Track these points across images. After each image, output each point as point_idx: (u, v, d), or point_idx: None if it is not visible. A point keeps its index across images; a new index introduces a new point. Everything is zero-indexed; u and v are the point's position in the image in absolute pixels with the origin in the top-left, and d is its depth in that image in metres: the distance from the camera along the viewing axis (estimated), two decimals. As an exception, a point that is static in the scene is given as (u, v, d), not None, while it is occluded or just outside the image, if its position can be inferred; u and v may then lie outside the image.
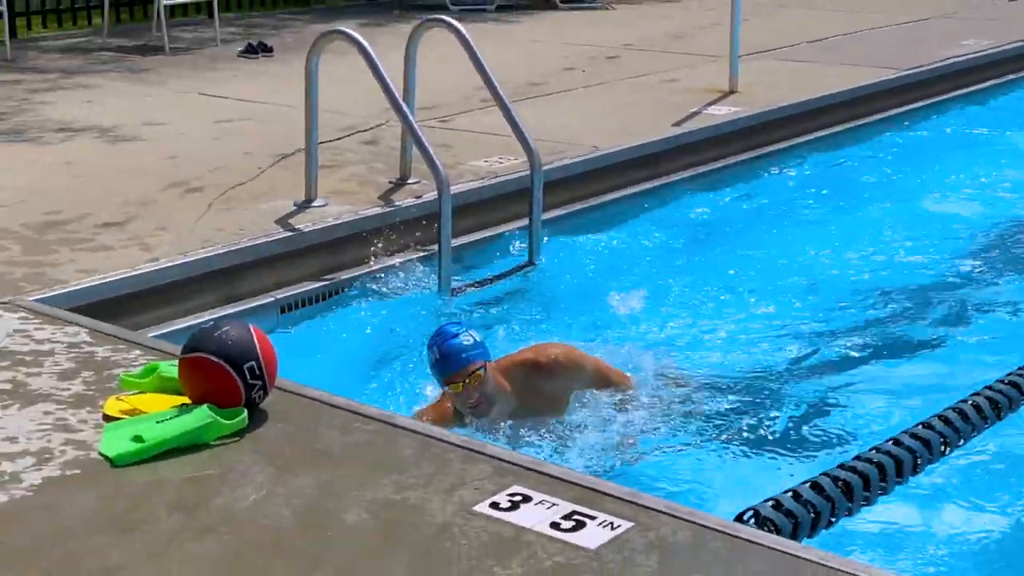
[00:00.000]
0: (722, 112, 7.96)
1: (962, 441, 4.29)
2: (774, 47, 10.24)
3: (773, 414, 4.80)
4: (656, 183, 7.17)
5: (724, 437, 4.59)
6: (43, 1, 11.64)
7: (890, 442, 4.14)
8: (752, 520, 3.54)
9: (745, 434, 4.60)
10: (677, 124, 7.65)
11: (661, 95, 8.53)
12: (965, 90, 9.76)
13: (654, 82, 8.99)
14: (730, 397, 4.90)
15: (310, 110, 6.02)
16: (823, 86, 8.79)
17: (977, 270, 6.37)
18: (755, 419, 4.73)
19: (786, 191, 7.50)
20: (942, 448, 4.19)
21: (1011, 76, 10.33)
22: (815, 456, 4.42)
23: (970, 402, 4.45)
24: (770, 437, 4.59)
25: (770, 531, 3.48)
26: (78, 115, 7.91)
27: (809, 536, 3.59)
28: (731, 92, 8.44)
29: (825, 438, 4.57)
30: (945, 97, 9.51)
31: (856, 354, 5.37)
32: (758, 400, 4.90)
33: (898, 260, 6.41)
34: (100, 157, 6.93)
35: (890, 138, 8.57)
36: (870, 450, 4.15)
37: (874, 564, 3.23)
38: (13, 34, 10.34)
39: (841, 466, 4.02)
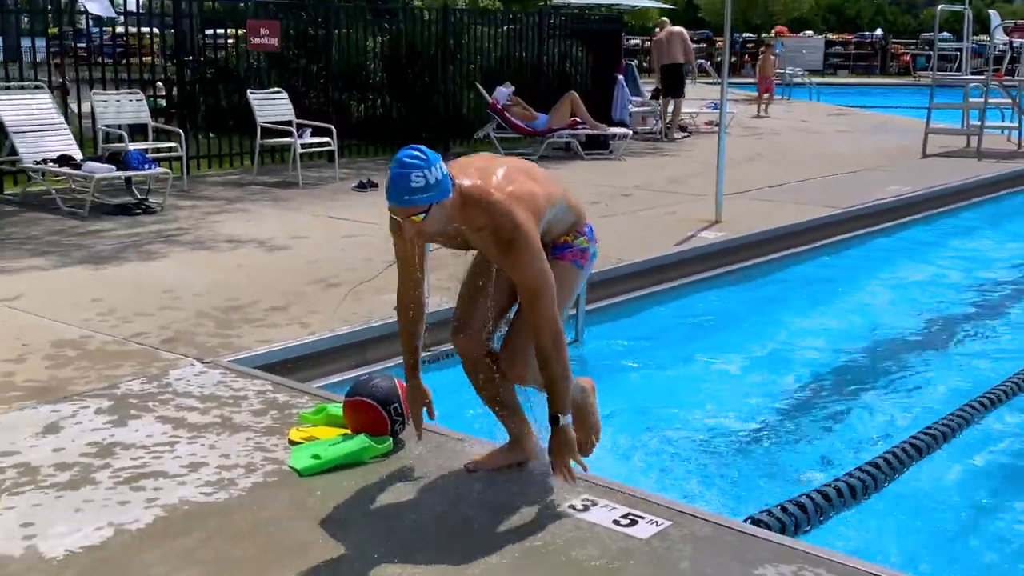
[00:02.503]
0: (711, 236, 7.97)
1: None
2: (747, 189, 10.21)
3: (762, 445, 4.78)
4: (664, 286, 7.15)
5: (733, 465, 4.55)
6: (208, 148, 11.79)
7: (844, 475, 4.22)
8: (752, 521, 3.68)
9: (747, 464, 4.58)
10: (678, 244, 7.67)
11: (664, 223, 8.52)
12: (890, 223, 9.77)
13: (659, 213, 8.99)
14: (727, 435, 4.85)
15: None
16: (784, 219, 8.80)
17: (899, 346, 6.42)
18: (749, 448, 4.71)
19: (759, 293, 7.52)
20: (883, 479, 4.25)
21: (926, 213, 10.36)
22: (799, 478, 4.39)
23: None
24: (762, 467, 4.56)
25: (769, 529, 3.57)
26: (241, 231, 7.92)
27: (794, 534, 3.67)
28: (717, 222, 8.42)
29: (801, 468, 4.52)
30: (875, 228, 9.51)
31: (817, 402, 5.36)
32: (747, 438, 4.84)
33: (839, 339, 6.42)
34: (261, 260, 6.96)
35: (834, 259, 8.58)
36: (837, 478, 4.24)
37: (828, 549, 3.17)
38: (187, 171, 10.56)
39: (815, 489, 4.14)
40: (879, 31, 45.22)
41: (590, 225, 3.58)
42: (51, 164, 8.97)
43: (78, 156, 9.20)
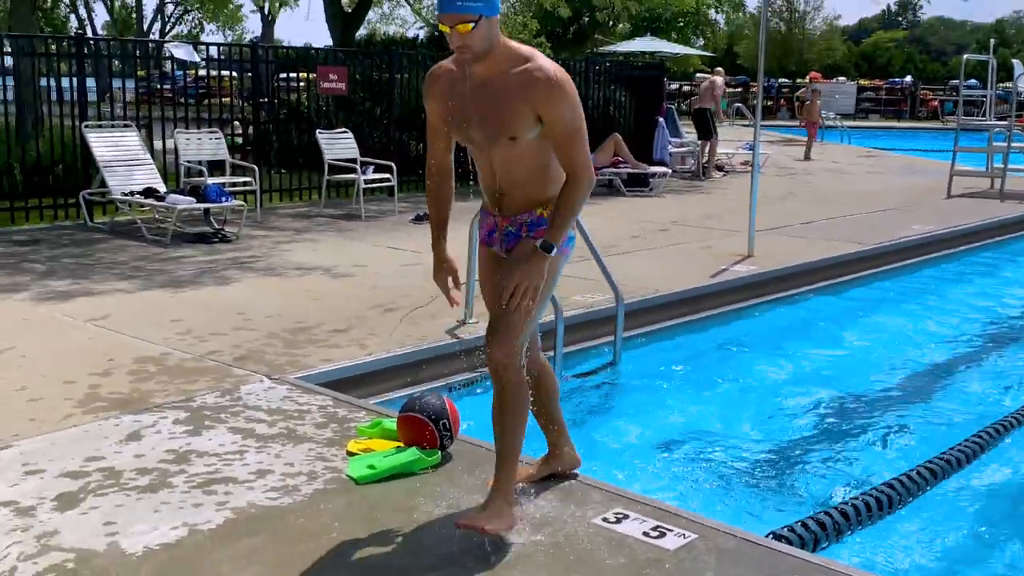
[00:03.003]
0: (743, 270, 7.92)
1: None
2: (778, 226, 10.14)
3: (785, 464, 4.76)
4: (696, 316, 7.10)
5: (757, 482, 4.54)
6: (280, 182, 11.96)
7: (850, 500, 4.20)
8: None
9: (771, 481, 4.56)
10: (712, 276, 7.62)
11: (699, 256, 8.48)
12: (915, 259, 9.64)
13: (694, 248, 8.94)
14: (753, 454, 4.83)
15: (470, 258, 5.85)
16: (813, 254, 8.72)
17: (918, 373, 6.34)
18: (773, 467, 4.69)
19: (788, 323, 7.47)
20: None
21: (949, 251, 10.21)
22: (820, 496, 4.36)
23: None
24: (786, 485, 4.54)
25: (790, 544, 3.56)
26: (309, 259, 8.00)
27: (813, 550, 3.66)
28: (749, 256, 8.37)
29: (822, 487, 4.49)
30: (900, 264, 9.38)
31: (839, 425, 5.30)
32: (772, 457, 4.83)
33: (862, 367, 6.36)
34: (326, 286, 7.02)
35: (859, 292, 8.49)
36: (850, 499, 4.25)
37: (844, 563, 3.20)
38: (261, 204, 10.73)
39: (834, 507, 4.14)
40: (909, 78, 44.73)
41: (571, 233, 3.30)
42: (137, 196, 9.16)
43: (162, 189, 9.41)
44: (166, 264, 7.73)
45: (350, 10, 18.77)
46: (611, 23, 36.52)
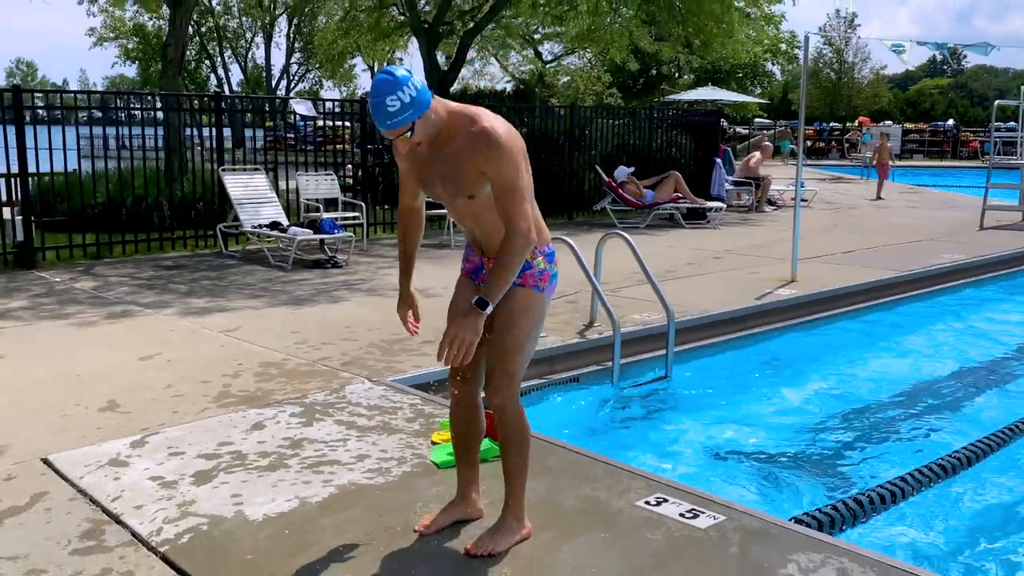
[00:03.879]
0: (786, 293, 7.88)
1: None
2: (821, 254, 10.08)
3: (813, 460, 4.75)
4: (743, 334, 7.10)
5: (785, 478, 4.53)
6: (383, 216, 12.18)
7: (866, 492, 4.23)
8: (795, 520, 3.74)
9: (797, 477, 4.55)
10: (758, 299, 7.61)
11: (747, 281, 8.45)
12: (944, 285, 9.47)
13: (743, 273, 8.90)
14: (782, 455, 4.83)
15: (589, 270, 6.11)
16: (851, 279, 8.63)
17: (940, 385, 6.28)
18: (801, 468, 4.67)
19: (826, 341, 7.40)
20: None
21: (976, 277, 10.00)
22: (839, 488, 4.35)
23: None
24: (809, 481, 4.53)
25: (808, 527, 3.60)
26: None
27: (831, 533, 3.68)
28: (792, 280, 8.34)
29: (841, 481, 4.50)
30: (931, 289, 9.23)
31: (863, 430, 5.27)
32: (801, 457, 4.82)
33: (893, 381, 6.29)
34: (419, 305, 7.28)
35: (893, 314, 8.38)
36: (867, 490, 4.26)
37: (851, 543, 3.20)
38: (367, 236, 11.03)
39: (850, 497, 4.16)
40: (951, 121, 43.53)
41: (551, 247, 3.06)
42: (265, 228, 9.54)
43: (285, 222, 9.77)
44: (287, 285, 8.01)
45: (446, 68, 19.20)
46: (676, 75, 36.46)
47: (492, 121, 2.83)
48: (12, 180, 9.18)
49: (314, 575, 2.93)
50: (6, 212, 9.29)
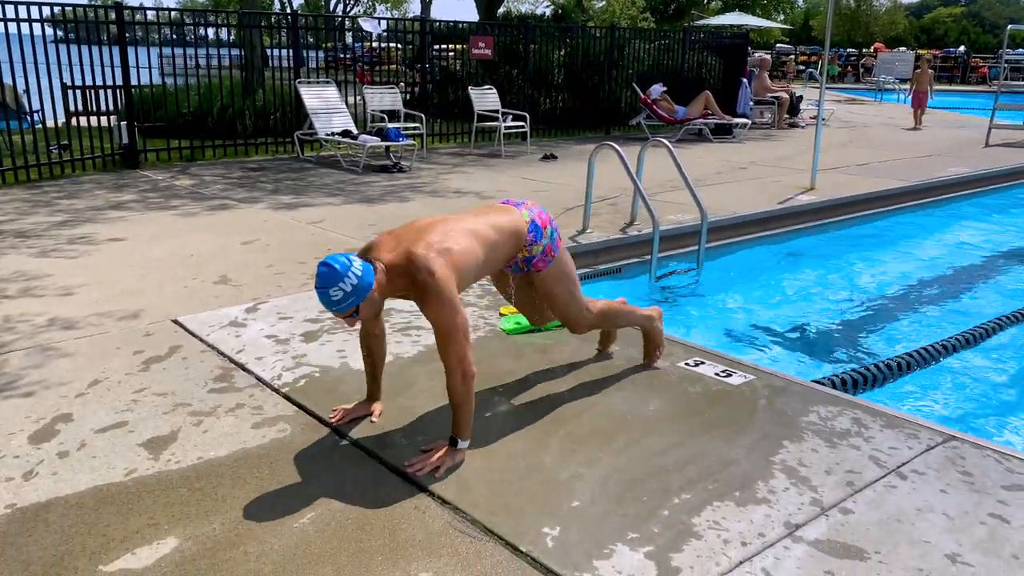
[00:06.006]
0: (805, 198, 7.89)
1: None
2: (837, 166, 9.99)
3: (827, 335, 4.85)
4: (766, 233, 7.15)
5: (805, 349, 4.66)
6: (440, 128, 12.06)
7: (874, 363, 4.38)
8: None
9: (816, 349, 4.67)
10: (781, 203, 7.63)
11: (771, 188, 8.44)
12: (948, 196, 9.40)
13: (767, 181, 8.88)
14: (802, 331, 4.94)
15: (589, 185, 6.23)
16: (865, 188, 8.62)
17: (943, 280, 6.28)
18: (818, 337, 4.78)
19: (842, 241, 7.44)
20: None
21: (978, 189, 9.88)
22: (847, 362, 4.44)
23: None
24: (825, 353, 4.66)
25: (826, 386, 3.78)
26: (463, 185, 8.22)
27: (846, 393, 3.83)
28: (811, 188, 8.34)
29: (850, 357, 4.60)
30: (937, 198, 9.18)
31: (871, 311, 5.32)
32: (818, 330, 4.93)
33: (898, 275, 6.35)
34: (478, 204, 7.29)
35: (902, 219, 8.38)
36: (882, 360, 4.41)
37: (863, 399, 3.34)
38: (426, 145, 11.09)
39: (853, 369, 4.34)
40: (962, 48, 41.89)
41: (534, 223, 3.05)
42: (337, 136, 9.65)
43: (355, 131, 9.86)
44: (359, 187, 8.14)
45: (493, -8, 18.83)
46: (706, 0, 35.31)
47: (424, 267, 2.63)
48: (117, 91, 9.35)
49: (412, 411, 3.19)
50: (112, 119, 9.51)
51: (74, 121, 10.49)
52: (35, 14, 8.12)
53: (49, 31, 8.46)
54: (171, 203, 7.17)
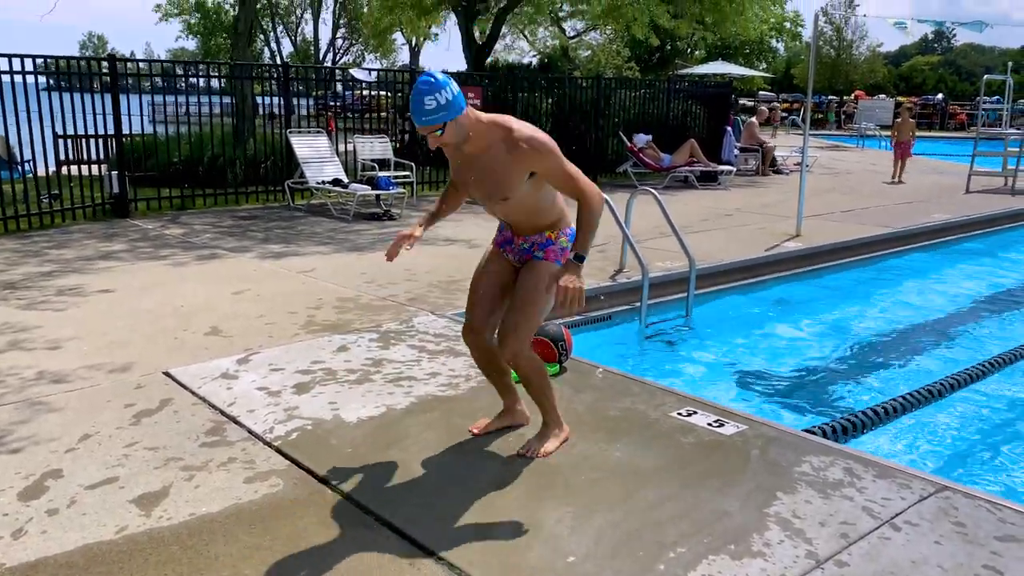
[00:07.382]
0: (791, 245, 7.98)
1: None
2: (822, 213, 10.12)
3: (816, 383, 4.86)
4: (753, 280, 7.20)
5: (794, 398, 4.65)
6: (429, 176, 12.17)
7: (860, 411, 4.35)
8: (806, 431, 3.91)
9: (804, 398, 4.67)
10: (767, 250, 7.71)
11: (756, 235, 8.52)
12: (932, 242, 9.49)
13: (753, 228, 8.97)
14: (791, 379, 4.97)
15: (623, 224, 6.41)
16: (850, 234, 8.71)
17: (928, 326, 6.30)
18: (807, 385, 4.80)
19: (826, 287, 7.47)
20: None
21: (960, 235, 10.00)
22: (836, 410, 4.43)
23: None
24: (815, 401, 4.66)
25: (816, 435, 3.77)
26: (453, 233, 8.20)
27: (837, 441, 3.80)
28: (797, 235, 8.43)
29: (842, 400, 4.60)
30: (920, 244, 9.27)
31: (859, 359, 5.32)
32: (806, 378, 4.96)
33: (884, 321, 6.37)
34: (467, 253, 7.25)
35: (885, 264, 8.45)
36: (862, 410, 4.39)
37: (855, 448, 3.35)
38: (416, 192, 11.14)
39: (851, 414, 4.34)
40: (940, 95, 42.82)
41: (572, 229, 3.11)
42: (328, 184, 9.74)
43: (345, 179, 9.95)
44: (349, 235, 8.18)
45: (481, 42, 19.16)
46: (689, 50, 36.05)
47: (529, 130, 2.85)
48: (109, 140, 9.41)
49: (405, 464, 3.18)
50: (103, 168, 9.55)
51: (64, 170, 10.53)
52: (29, 66, 8.19)
53: (42, 80, 8.53)
54: (161, 253, 7.18)
